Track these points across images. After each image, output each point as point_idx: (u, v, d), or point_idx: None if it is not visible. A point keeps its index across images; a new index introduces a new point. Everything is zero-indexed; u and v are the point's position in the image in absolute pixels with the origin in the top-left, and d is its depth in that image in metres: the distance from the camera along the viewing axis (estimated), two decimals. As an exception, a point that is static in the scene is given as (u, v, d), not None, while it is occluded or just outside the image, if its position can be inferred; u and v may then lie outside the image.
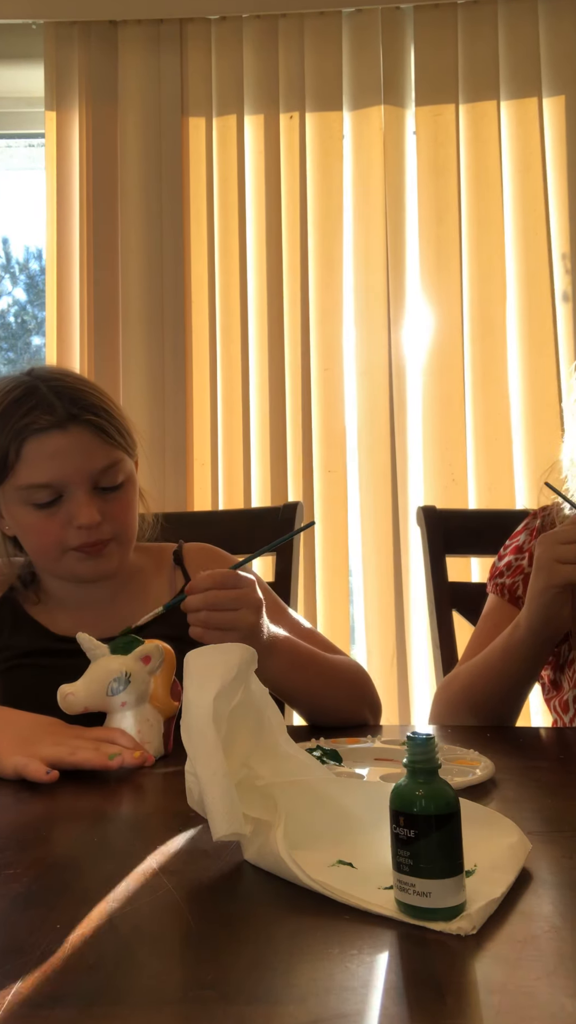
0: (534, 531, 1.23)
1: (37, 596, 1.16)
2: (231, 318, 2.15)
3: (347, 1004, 0.42)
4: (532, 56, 2.12)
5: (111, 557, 1.08)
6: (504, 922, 0.50)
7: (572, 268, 2.11)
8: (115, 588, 1.15)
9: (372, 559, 2.11)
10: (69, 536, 1.04)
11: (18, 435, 1.02)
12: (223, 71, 2.18)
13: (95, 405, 1.05)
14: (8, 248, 2.52)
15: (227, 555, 1.25)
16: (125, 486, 1.08)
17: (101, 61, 2.20)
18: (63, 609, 1.15)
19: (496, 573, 1.23)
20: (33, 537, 1.07)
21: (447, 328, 2.13)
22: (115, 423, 1.07)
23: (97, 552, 1.06)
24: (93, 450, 1.04)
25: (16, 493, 1.04)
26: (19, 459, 1.02)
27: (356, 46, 2.17)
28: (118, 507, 1.07)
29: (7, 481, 1.04)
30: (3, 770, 0.83)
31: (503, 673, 1.08)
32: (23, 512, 1.05)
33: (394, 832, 0.51)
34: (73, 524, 1.03)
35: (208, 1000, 0.42)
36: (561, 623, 1.01)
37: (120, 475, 1.07)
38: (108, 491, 1.06)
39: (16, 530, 1.10)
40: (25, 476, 1.03)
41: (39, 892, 0.56)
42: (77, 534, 1.04)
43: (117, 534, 1.07)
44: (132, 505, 1.10)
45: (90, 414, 1.04)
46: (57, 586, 1.15)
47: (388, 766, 0.83)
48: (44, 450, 1.02)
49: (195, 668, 0.62)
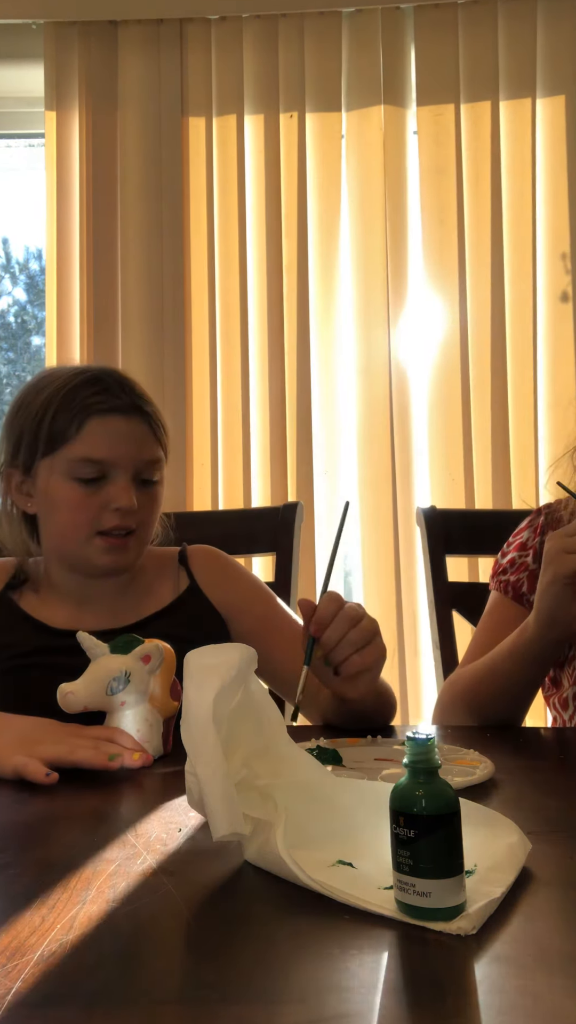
0: (538, 528, 1.22)
1: (36, 588, 1.17)
2: (231, 318, 2.15)
3: (347, 1004, 0.42)
4: (532, 56, 2.12)
5: (129, 551, 1.11)
6: (504, 922, 0.50)
7: (572, 268, 2.11)
8: (118, 586, 1.16)
9: (372, 559, 2.11)
10: (103, 517, 1.08)
11: (83, 411, 1.08)
12: (223, 71, 2.18)
13: (151, 403, 1.14)
14: (8, 248, 2.52)
15: (230, 558, 1.26)
16: (158, 486, 1.15)
17: (101, 61, 2.20)
18: (63, 604, 1.15)
19: (499, 570, 1.23)
20: (67, 513, 1.10)
21: (447, 327, 2.13)
22: (163, 426, 1.16)
23: (120, 545, 1.10)
24: (145, 441, 1.11)
25: (65, 464, 1.08)
26: (78, 433, 1.08)
27: (356, 46, 2.17)
28: (149, 503, 1.12)
29: (59, 452, 1.09)
30: (3, 770, 0.83)
31: (509, 675, 1.08)
32: (65, 486, 1.09)
33: (394, 832, 0.51)
34: (110, 506, 1.08)
35: (208, 1000, 0.42)
36: (569, 624, 1.01)
37: (158, 473, 1.14)
38: (145, 485, 1.12)
39: (47, 505, 1.12)
40: (80, 449, 1.07)
41: (39, 892, 0.56)
42: (111, 516, 1.08)
43: (140, 529, 1.11)
44: (159, 506, 1.16)
45: (149, 407, 1.13)
46: (62, 578, 1.16)
47: (388, 766, 0.83)
48: (104, 429, 1.08)
49: (195, 668, 0.62)
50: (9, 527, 1.17)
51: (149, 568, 1.20)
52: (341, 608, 0.92)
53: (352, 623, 0.91)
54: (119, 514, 1.08)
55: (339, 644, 0.91)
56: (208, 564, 1.23)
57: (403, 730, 1.06)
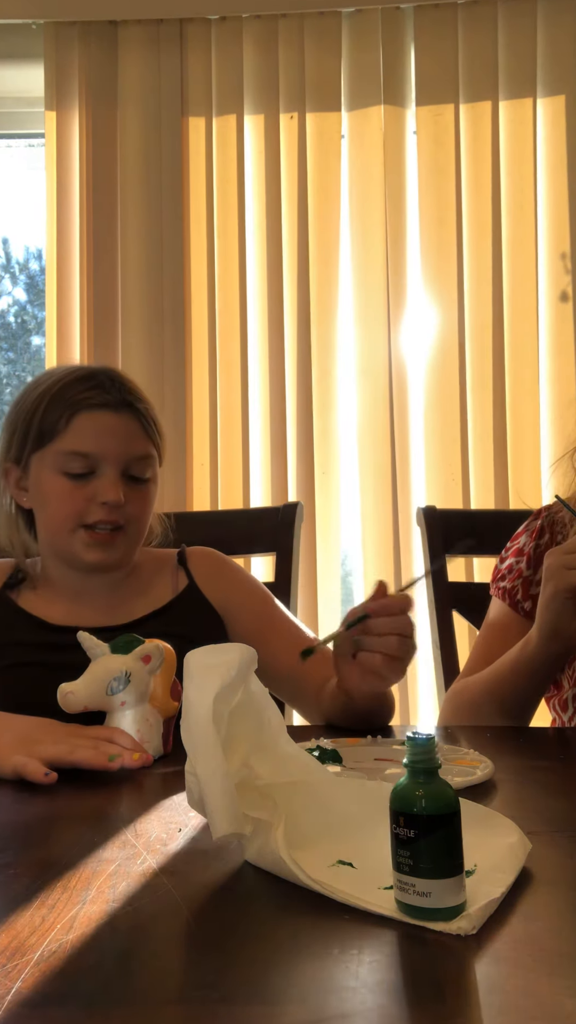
0: (535, 532, 1.22)
1: (34, 586, 1.18)
2: (231, 318, 2.15)
3: (347, 1004, 0.42)
4: (532, 56, 2.12)
5: (117, 548, 1.11)
6: (504, 922, 0.50)
7: (572, 268, 2.11)
8: (114, 582, 1.17)
9: (372, 559, 2.11)
10: (90, 511, 1.09)
11: (73, 406, 1.09)
12: (223, 71, 2.18)
13: (144, 401, 1.15)
14: (8, 248, 2.52)
15: (229, 559, 1.26)
16: (149, 484, 1.14)
17: (101, 61, 2.20)
18: (60, 600, 1.16)
19: (498, 576, 1.23)
20: (54, 505, 1.11)
21: (447, 328, 2.13)
22: (156, 424, 1.16)
23: (107, 541, 1.10)
24: (135, 437, 1.12)
25: (54, 458, 1.10)
26: (67, 428, 1.09)
27: (356, 46, 2.17)
28: (139, 500, 1.13)
29: (49, 446, 1.10)
30: (3, 770, 0.83)
31: (513, 687, 1.08)
32: (53, 479, 1.10)
33: (394, 832, 0.51)
34: (97, 500, 1.09)
35: (208, 1000, 0.42)
36: (570, 637, 1.01)
37: (149, 470, 1.14)
38: (135, 482, 1.12)
39: (38, 499, 1.13)
40: (68, 442, 1.09)
41: (39, 892, 0.56)
42: (97, 510, 1.09)
43: (129, 526, 1.12)
44: (150, 504, 1.16)
45: (140, 405, 1.13)
46: (59, 573, 1.16)
47: (388, 766, 0.83)
48: (92, 423, 1.09)
49: (195, 668, 0.62)
50: (8, 525, 1.18)
51: (147, 567, 1.21)
52: (405, 611, 0.93)
53: (404, 630, 0.92)
54: (105, 508, 1.09)
55: (382, 637, 0.91)
56: (207, 564, 1.24)
57: (403, 730, 1.06)
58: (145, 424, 1.13)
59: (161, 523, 1.27)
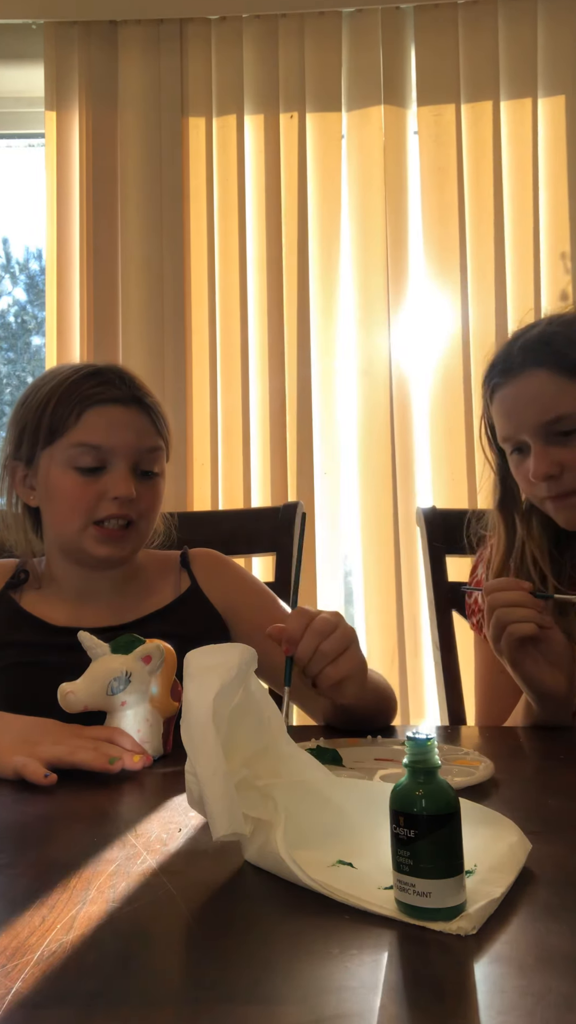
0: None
1: (37, 586, 1.17)
2: (231, 318, 2.15)
3: (347, 1004, 0.41)
4: (532, 56, 2.12)
5: (126, 543, 1.12)
6: (504, 922, 0.50)
7: (572, 268, 2.11)
8: (118, 582, 1.17)
9: (372, 560, 2.11)
10: (101, 507, 1.09)
11: (82, 402, 1.09)
12: (223, 71, 2.18)
13: (152, 396, 1.15)
14: (8, 248, 2.52)
15: (231, 560, 1.27)
16: (158, 479, 1.15)
17: (101, 61, 2.20)
18: (63, 601, 1.16)
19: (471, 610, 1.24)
20: (65, 502, 1.10)
21: (447, 327, 2.13)
22: (164, 419, 1.16)
23: (117, 537, 1.10)
24: (145, 431, 1.12)
25: (64, 452, 1.09)
26: (78, 423, 1.09)
27: (356, 46, 2.17)
28: (147, 495, 1.13)
29: (59, 441, 1.10)
30: (3, 771, 0.83)
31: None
32: (63, 475, 1.10)
33: (394, 832, 0.51)
34: (108, 495, 1.09)
35: (208, 1000, 0.42)
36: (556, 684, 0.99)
37: (157, 465, 1.14)
38: (144, 477, 1.12)
39: (47, 496, 1.13)
40: (78, 436, 1.09)
41: (39, 892, 0.56)
42: (109, 505, 1.09)
43: (139, 521, 1.12)
44: (159, 499, 1.16)
45: (149, 399, 1.14)
46: (63, 572, 1.16)
47: (388, 766, 0.83)
48: (103, 417, 1.10)
49: (195, 668, 0.62)
50: (13, 524, 1.18)
51: (150, 568, 1.21)
52: (310, 622, 0.90)
53: (323, 636, 0.90)
54: (117, 503, 1.08)
55: (312, 658, 0.89)
56: (209, 566, 1.24)
57: (403, 730, 1.06)
58: (154, 418, 1.14)
59: (164, 522, 1.27)
